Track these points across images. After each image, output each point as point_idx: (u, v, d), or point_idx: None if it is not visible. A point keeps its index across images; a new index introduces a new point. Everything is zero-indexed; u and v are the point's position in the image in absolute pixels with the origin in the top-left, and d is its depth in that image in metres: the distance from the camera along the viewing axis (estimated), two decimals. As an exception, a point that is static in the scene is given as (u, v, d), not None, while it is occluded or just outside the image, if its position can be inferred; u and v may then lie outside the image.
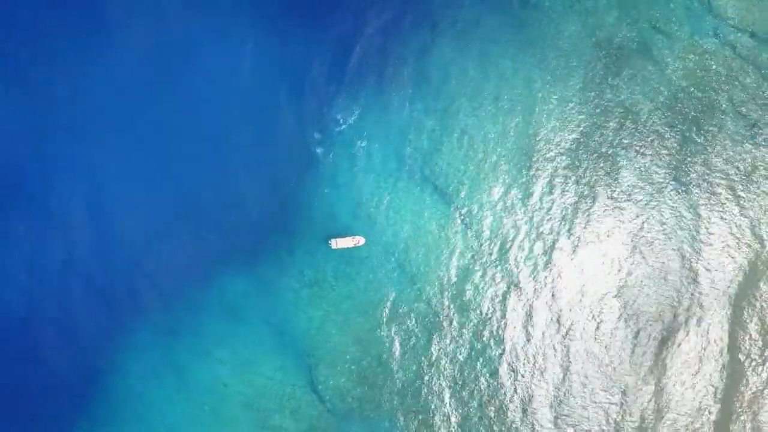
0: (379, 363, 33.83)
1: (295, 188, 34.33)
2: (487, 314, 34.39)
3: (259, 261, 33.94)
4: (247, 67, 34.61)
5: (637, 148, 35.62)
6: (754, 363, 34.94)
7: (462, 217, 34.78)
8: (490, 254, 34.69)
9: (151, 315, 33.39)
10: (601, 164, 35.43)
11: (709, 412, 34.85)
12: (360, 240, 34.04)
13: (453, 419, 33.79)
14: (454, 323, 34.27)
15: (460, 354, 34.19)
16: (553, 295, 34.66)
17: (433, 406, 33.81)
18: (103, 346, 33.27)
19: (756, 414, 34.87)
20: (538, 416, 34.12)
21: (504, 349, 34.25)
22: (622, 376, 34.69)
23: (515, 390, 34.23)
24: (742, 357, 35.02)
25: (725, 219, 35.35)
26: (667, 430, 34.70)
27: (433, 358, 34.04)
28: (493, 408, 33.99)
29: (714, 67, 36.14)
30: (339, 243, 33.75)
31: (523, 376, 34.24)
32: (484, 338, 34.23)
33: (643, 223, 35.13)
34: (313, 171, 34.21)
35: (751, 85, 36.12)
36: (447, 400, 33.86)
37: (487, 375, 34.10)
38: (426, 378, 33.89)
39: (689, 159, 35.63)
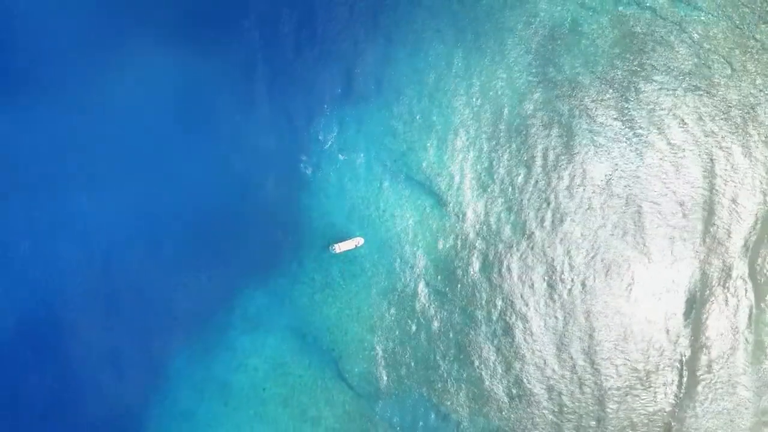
0: (395, 345, 37.04)
1: (294, 208, 37.25)
2: (480, 282, 37.93)
3: (273, 277, 36.93)
4: (228, 115, 37.99)
5: (587, 112, 39.39)
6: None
7: (442, 202, 38.23)
8: (473, 229, 38.18)
9: (186, 341, 36.32)
10: (558, 133, 39.19)
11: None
12: (359, 241, 36.98)
13: (467, 382, 37.34)
14: (454, 296, 37.68)
15: (465, 323, 37.55)
16: (540, 256, 38.48)
17: (447, 374, 37.25)
18: (146, 376, 36.07)
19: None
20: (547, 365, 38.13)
21: (503, 311, 37.84)
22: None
23: (522, 345, 37.86)
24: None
25: (676, 162, 39.64)
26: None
27: (441, 331, 37.43)
28: (501, 366, 37.53)
29: (639, 30, 40.03)
30: (341, 247, 36.68)
31: (521, 334, 37.90)
32: (483, 304, 37.75)
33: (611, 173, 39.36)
34: (306, 189, 37.21)
35: (674, 41, 40.14)
36: (459, 365, 37.34)
37: (491, 338, 37.64)
38: (438, 350, 37.28)
39: (633, 114, 39.54)
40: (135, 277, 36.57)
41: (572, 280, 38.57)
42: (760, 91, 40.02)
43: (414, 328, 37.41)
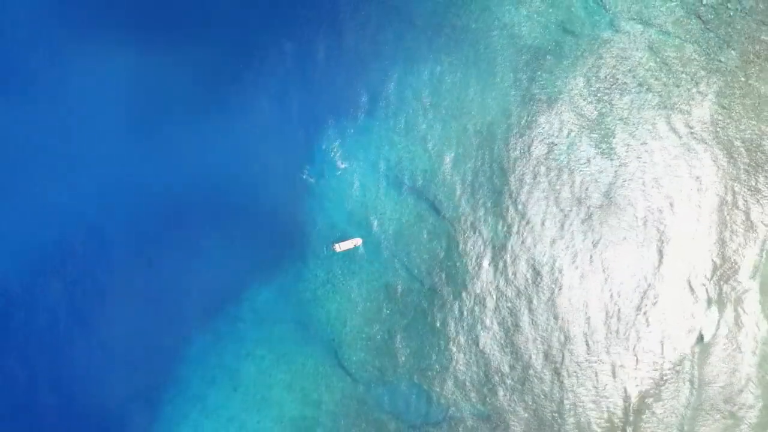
0: (390, 336, 38.88)
1: (299, 212, 39.67)
2: (472, 280, 39.85)
3: (279, 273, 39.24)
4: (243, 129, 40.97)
5: (570, 124, 41.96)
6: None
7: (434, 206, 40.50)
8: (462, 231, 40.31)
9: (199, 332, 38.63)
10: (542, 144, 41.72)
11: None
12: (358, 241, 39.19)
13: (457, 371, 39.10)
14: (443, 293, 39.66)
15: (457, 318, 39.34)
16: (524, 261, 40.46)
17: (437, 363, 39.04)
18: (162, 363, 38.33)
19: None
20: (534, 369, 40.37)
21: (493, 309, 39.63)
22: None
23: (513, 341, 39.48)
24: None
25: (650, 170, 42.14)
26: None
27: (432, 324, 39.31)
28: (492, 359, 39.22)
29: (615, 52, 42.91)
30: (341, 246, 38.91)
31: (511, 331, 39.58)
32: (469, 300, 39.71)
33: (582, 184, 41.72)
34: (310, 194, 39.70)
35: (643, 61, 43.01)
36: (450, 356, 39.13)
37: (482, 332, 39.39)
38: (428, 341, 39.11)
39: (610, 129, 42.12)
40: (150, 274, 39.19)
41: (563, 281, 40.45)
42: (723, 108, 43.02)
43: (407, 321, 39.49)
